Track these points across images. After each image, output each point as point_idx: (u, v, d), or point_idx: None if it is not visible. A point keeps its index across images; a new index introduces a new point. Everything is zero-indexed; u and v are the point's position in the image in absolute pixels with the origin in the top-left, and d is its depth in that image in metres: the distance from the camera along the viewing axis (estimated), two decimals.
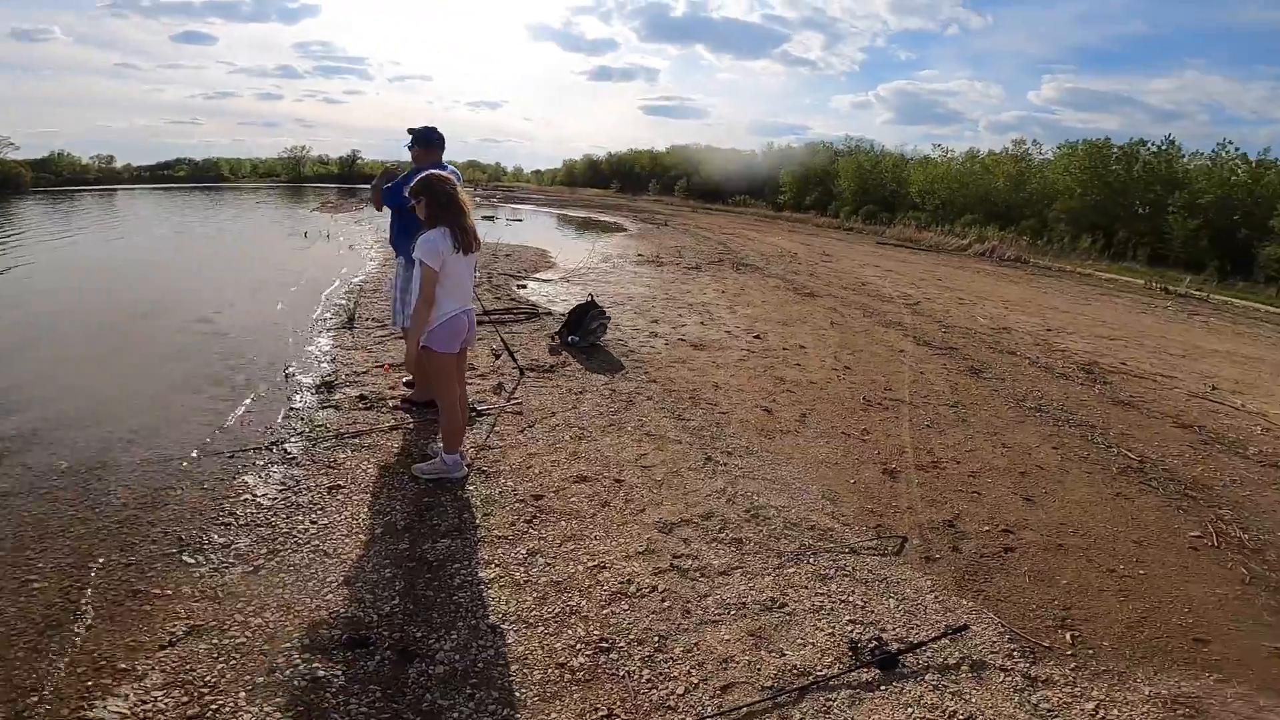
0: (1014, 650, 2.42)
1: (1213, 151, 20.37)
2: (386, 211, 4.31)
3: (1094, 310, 10.85)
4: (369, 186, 4.46)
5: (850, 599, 2.63)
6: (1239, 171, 18.99)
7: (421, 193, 3.12)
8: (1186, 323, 10.72)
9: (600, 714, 1.99)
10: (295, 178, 48.02)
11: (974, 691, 2.20)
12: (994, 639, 2.47)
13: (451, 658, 2.18)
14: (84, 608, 2.32)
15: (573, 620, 2.39)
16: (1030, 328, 8.48)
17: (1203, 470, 4.31)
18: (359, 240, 13.94)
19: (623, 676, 2.15)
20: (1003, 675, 2.29)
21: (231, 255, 12.19)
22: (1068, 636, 2.53)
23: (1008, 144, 27.22)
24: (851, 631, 2.43)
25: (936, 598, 2.70)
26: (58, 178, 31.35)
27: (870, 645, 2.35)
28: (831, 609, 2.56)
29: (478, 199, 28.03)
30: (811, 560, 2.88)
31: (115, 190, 31.30)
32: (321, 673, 2.08)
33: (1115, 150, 21.62)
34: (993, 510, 3.52)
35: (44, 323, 6.66)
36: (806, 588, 2.68)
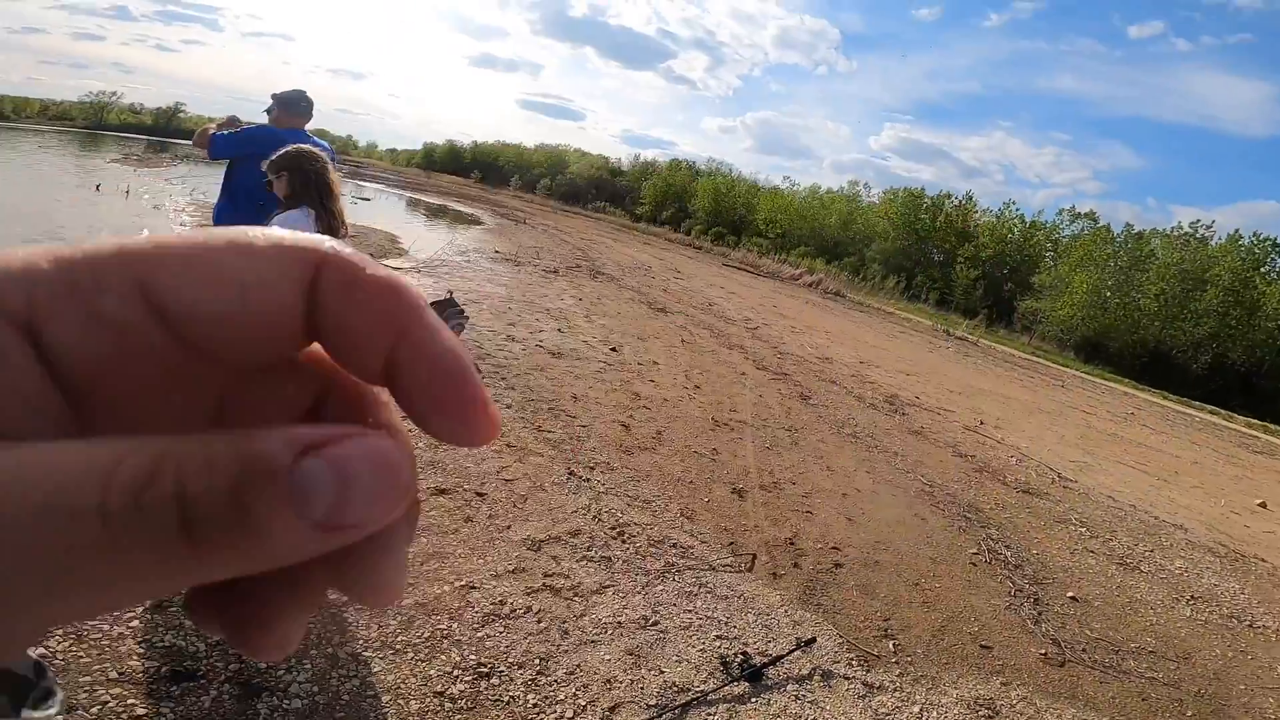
0: (852, 659, 2.74)
1: (998, 210, 24.62)
2: (211, 175, 3.80)
3: (896, 346, 12.53)
4: (196, 135, 3.76)
5: (715, 615, 2.81)
6: (1015, 230, 23.12)
7: (285, 167, 2.79)
8: (962, 362, 12.77)
9: None
10: (96, 125, 40.66)
11: (826, 700, 2.47)
12: (835, 650, 2.78)
13: (309, 690, 1.98)
14: None
15: (445, 645, 2.29)
16: (847, 359, 9.59)
17: (975, 494, 5.18)
18: (166, 200, 12.05)
19: (507, 702, 2.11)
20: (846, 684, 2.59)
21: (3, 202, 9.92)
22: (890, 645, 2.92)
23: (844, 183, 30.71)
24: (720, 647, 2.60)
25: (786, 612, 2.97)
26: None
27: (738, 660, 2.54)
28: (700, 626, 2.72)
29: None
30: (676, 578, 3.03)
31: None
32: (142, 711, 1.79)
33: (926, 200, 25.27)
34: (824, 529, 3.95)
35: None
36: (675, 605, 2.82)
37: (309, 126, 3.81)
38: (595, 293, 10.45)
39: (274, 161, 2.82)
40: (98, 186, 12.65)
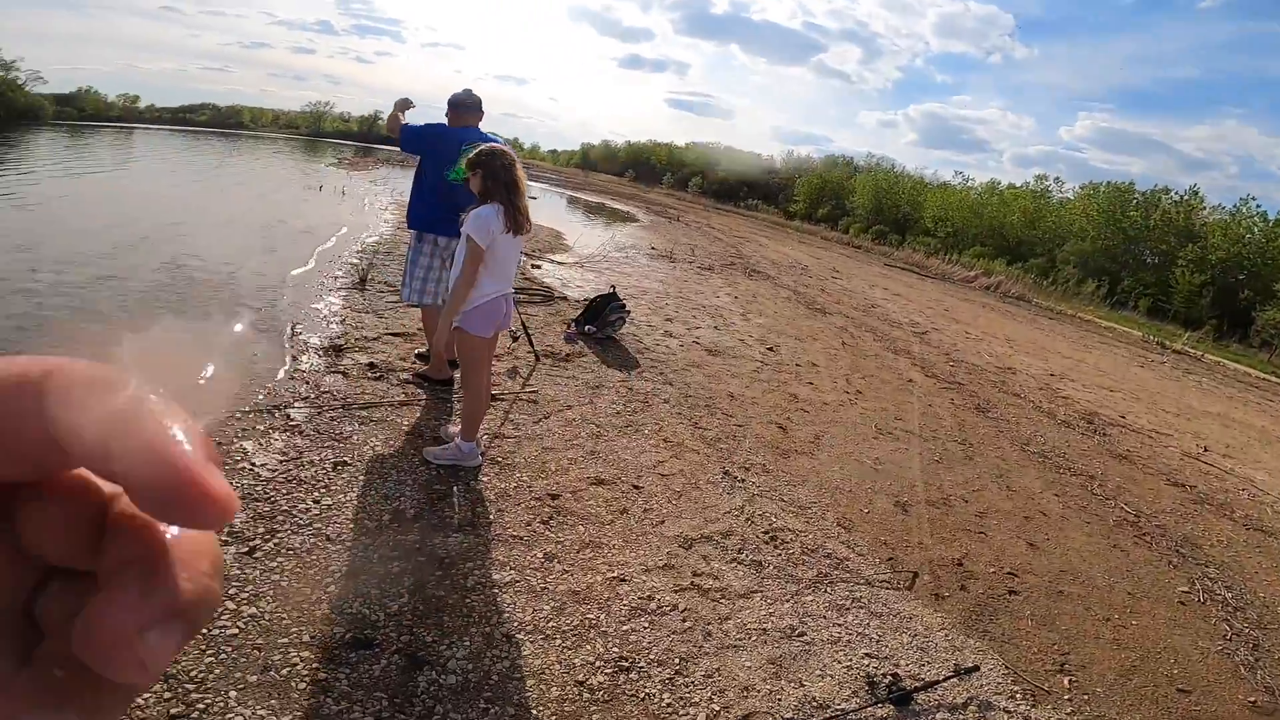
0: (1017, 692, 2.47)
1: (1233, 207, 20.54)
2: (405, 177, 4.16)
3: (1095, 359, 10.97)
4: (388, 120, 4.10)
5: (866, 632, 2.65)
6: (1255, 229, 19.14)
7: (477, 165, 3.03)
8: (1181, 381, 10.87)
9: None
10: (315, 132, 47.69)
11: None
12: (999, 680, 2.52)
13: (464, 667, 2.08)
14: None
15: (592, 635, 2.35)
16: (1034, 370, 8.56)
17: (1193, 529, 4.40)
18: (373, 200, 13.75)
19: (643, 699, 2.12)
20: (1006, 717, 2.33)
21: (245, 201, 11.97)
22: (1065, 681, 2.61)
23: (1030, 178, 27.23)
24: (868, 666, 2.45)
25: (946, 636, 2.73)
26: (80, 113, 30.96)
27: (886, 681, 2.37)
28: (849, 641, 2.58)
29: None
30: (829, 589, 2.89)
31: (133, 129, 30.74)
32: (323, 675, 1.95)
33: (1137, 196, 21.76)
34: (999, 552, 3.56)
35: (38, 258, 6.50)
36: (825, 617, 2.69)
37: (482, 125, 4.03)
38: (750, 291, 10.29)
39: (470, 160, 3.06)
40: (320, 187, 14.78)
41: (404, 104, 4.03)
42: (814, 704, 2.24)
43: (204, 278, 6.03)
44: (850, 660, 2.47)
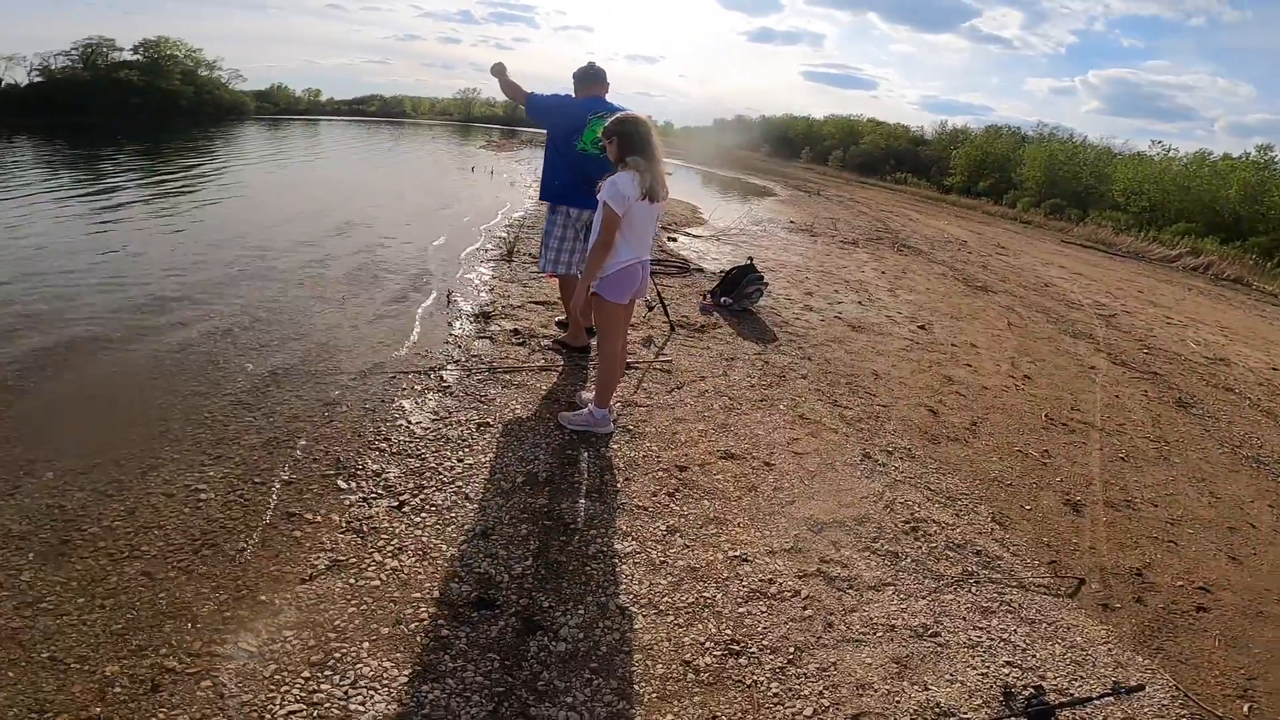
0: (1183, 717, 2.10)
1: None
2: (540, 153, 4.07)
3: None
4: (503, 87, 4.04)
5: (1011, 638, 2.34)
6: None
7: (615, 133, 3.01)
8: None
9: None
10: (466, 117, 51.04)
11: None
12: (1165, 703, 2.15)
13: (575, 635, 2.08)
14: (240, 527, 2.34)
15: (705, 614, 2.26)
16: (1254, 363, 7.16)
17: None
18: (519, 178, 14.46)
19: (748, 685, 2.00)
20: None
21: (410, 184, 13.08)
22: (1245, 708, 2.19)
23: (1250, 149, 22.32)
24: (1007, 675, 2.16)
25: (1109, 650, 2.36)
26: (275, 108, 35.76)
27: (1026, 693, 2.08)
28: (989, 646, 2.29)
29: None
30: (973, 589, 2.59)
31: (319, 120, 34.93)
32: (445, 632, 2.02)
33: None
34: (1190, 564, 3.02)
35: (249, 238, 7.50)
36: (964, 619, 2.41)
37: (609, 97, 3.97)
38: (900, 266, 9.54)
39: (606, 128, 3.05)
40: (472, 169, 15.81)
41: (499, 68, 3.99)
42: (936, 709, 2.00)
43: (388, 257, 6.66)
44: (987, 667, 2.19)
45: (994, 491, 3.41)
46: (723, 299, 5.79)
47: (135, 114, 22.58)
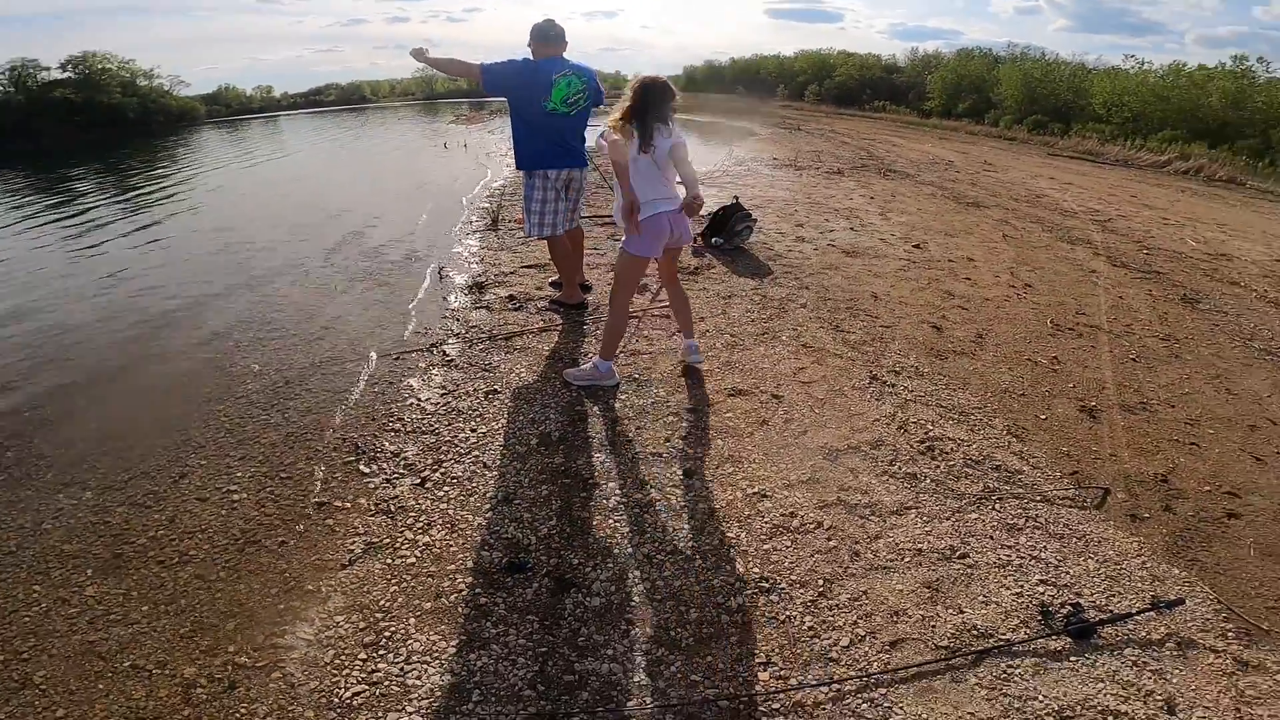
0: (1229, 630, 2.05)
1: None
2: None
3: None
4: (439, 66, 3.83)
5: (1042, 555, 2.30)
6: None
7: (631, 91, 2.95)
8: None
9: (758, 661, 1.85)
10: (430, 95, 49.31)
11: (1176, 671, 1.89)
12: (1207, 616, 2.10)
13: (607, 589, 2.07)
14: (276, 522, 2.38)
15: (732, 554, 2.23)
16: (1256, 256, 7.07)
17: None
18: (494, 148, 14.05)
19: (783, 621, 1.98)
20: (1212, 656, 1.94)
21: (385, 167, 12.71)
22: None
23: (1225, 59, 21.61)
24: (1043, 594, 2.13)
25: (1144, 564, 2.31)
26: (228, 109, 33.88)
27: (1065, 611, 2.05)
28: (1020, 565, 2.25)
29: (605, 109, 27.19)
30: (997, 506, 2.55)
31: (277, 116, 33.52)
32: (483, 600, 2.03)
33: None
34: (1215, 467, 2.96)
35: (234, 241, 7.26)
36: (991, 538, 2.37)
37: (578, 62, 3.79)
38: (888, 190, 9.34)
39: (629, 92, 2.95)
40: (445, 144, 15.32)
41: (419, 53, 3.78)
42: (974, 632, 1.97)
43: (376, 242, 6.47)
44: (1021, 586, 2.16)
45: (1007, 403, 3.35)
46: (714, 240, 5.64)
47: (84, 131, 21.59)
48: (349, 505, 2.46)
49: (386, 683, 1.77)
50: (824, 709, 1.73)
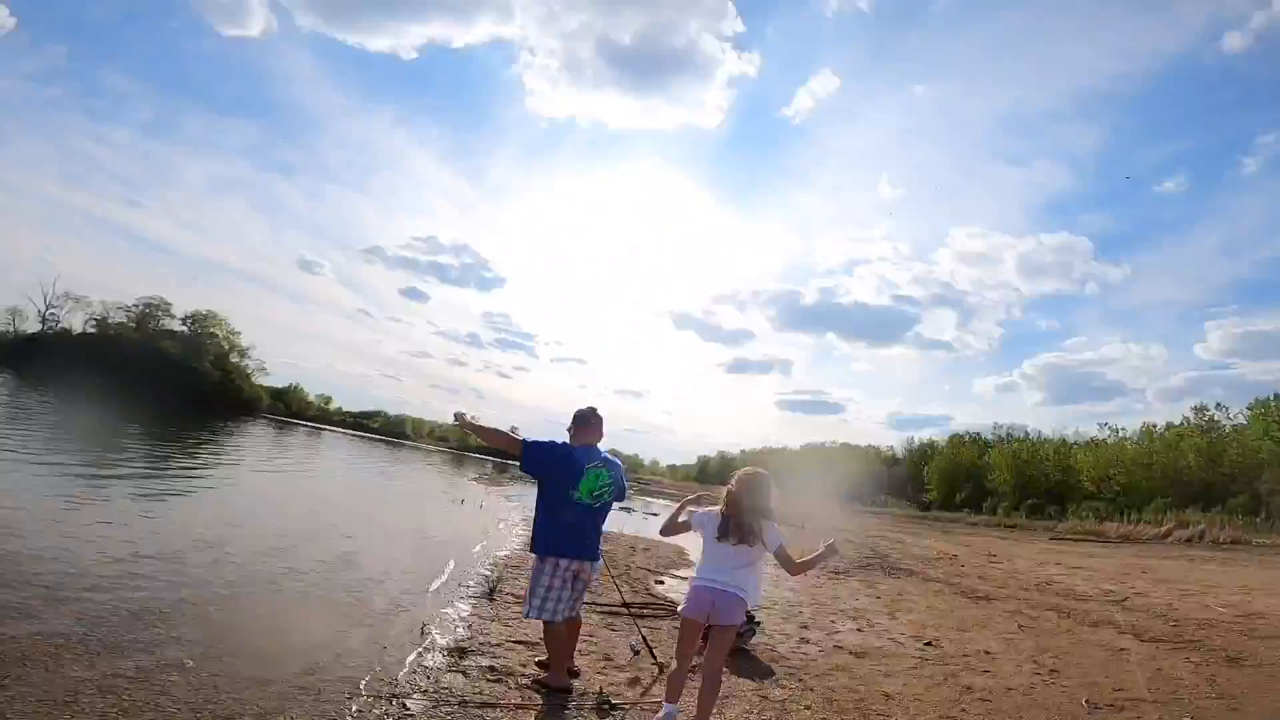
0: None
1: None
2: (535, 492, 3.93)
3: None
4: (485, 435, 3.95)
5: None
6: None
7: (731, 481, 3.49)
8: None
9: None
10: (462, 447, 51.40)
11: None
12: None
13: None
14: None
15: None
16: None
17: None
18: (507, 516, 14.43)
19: None
20: None
21: (396, 512, 13.10)
22: None
23: (1187, 413, 23.92)
24: None
25: None
26: (286, 409, 36.00)
27: None
28: None
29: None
30: None
31: (322, 430, 35.00)
32: None
33: None
34: None
35: (225, 558, 7.02)
36: None
37: (604, 444, 4.04)
38: (894, 589, 9.29)
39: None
40: (461, 501, 15.77)
41: (461, 416, 3.93)
42: None
43: (356, 577, 6.39)
44: None
45: None
46: None
47: (167, 387, 22.79)
48: None
49: None
50: None
